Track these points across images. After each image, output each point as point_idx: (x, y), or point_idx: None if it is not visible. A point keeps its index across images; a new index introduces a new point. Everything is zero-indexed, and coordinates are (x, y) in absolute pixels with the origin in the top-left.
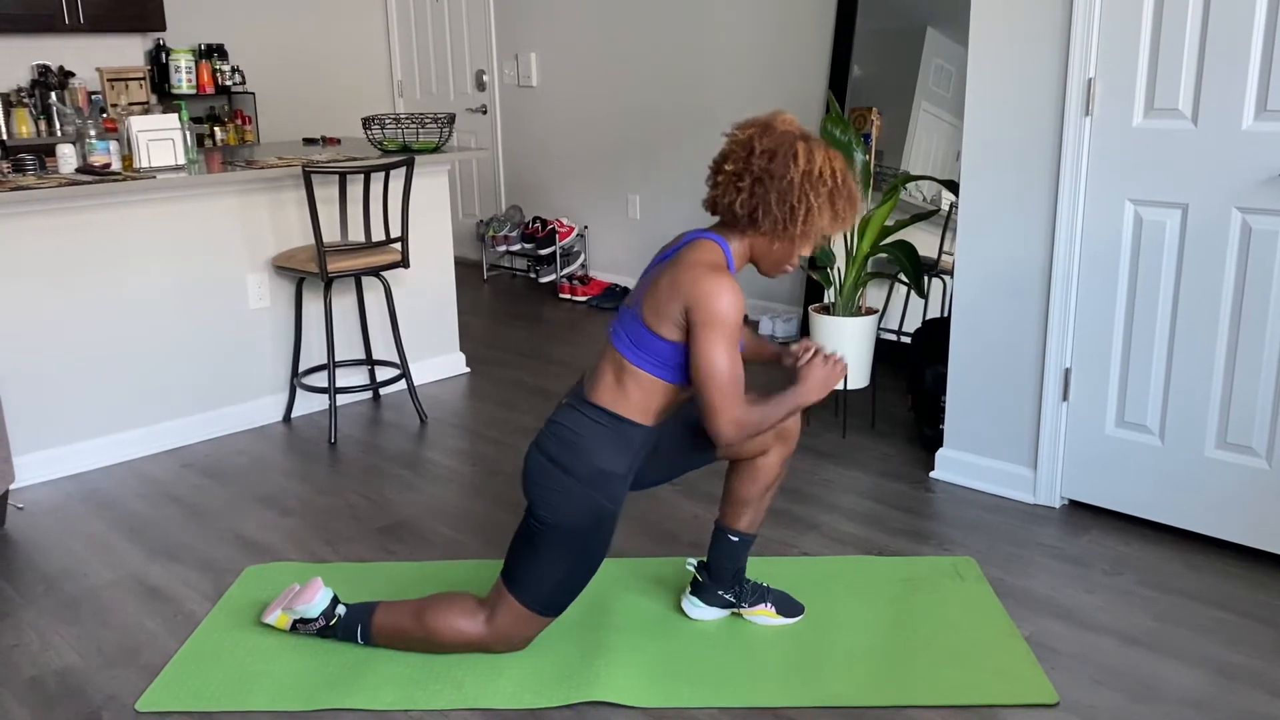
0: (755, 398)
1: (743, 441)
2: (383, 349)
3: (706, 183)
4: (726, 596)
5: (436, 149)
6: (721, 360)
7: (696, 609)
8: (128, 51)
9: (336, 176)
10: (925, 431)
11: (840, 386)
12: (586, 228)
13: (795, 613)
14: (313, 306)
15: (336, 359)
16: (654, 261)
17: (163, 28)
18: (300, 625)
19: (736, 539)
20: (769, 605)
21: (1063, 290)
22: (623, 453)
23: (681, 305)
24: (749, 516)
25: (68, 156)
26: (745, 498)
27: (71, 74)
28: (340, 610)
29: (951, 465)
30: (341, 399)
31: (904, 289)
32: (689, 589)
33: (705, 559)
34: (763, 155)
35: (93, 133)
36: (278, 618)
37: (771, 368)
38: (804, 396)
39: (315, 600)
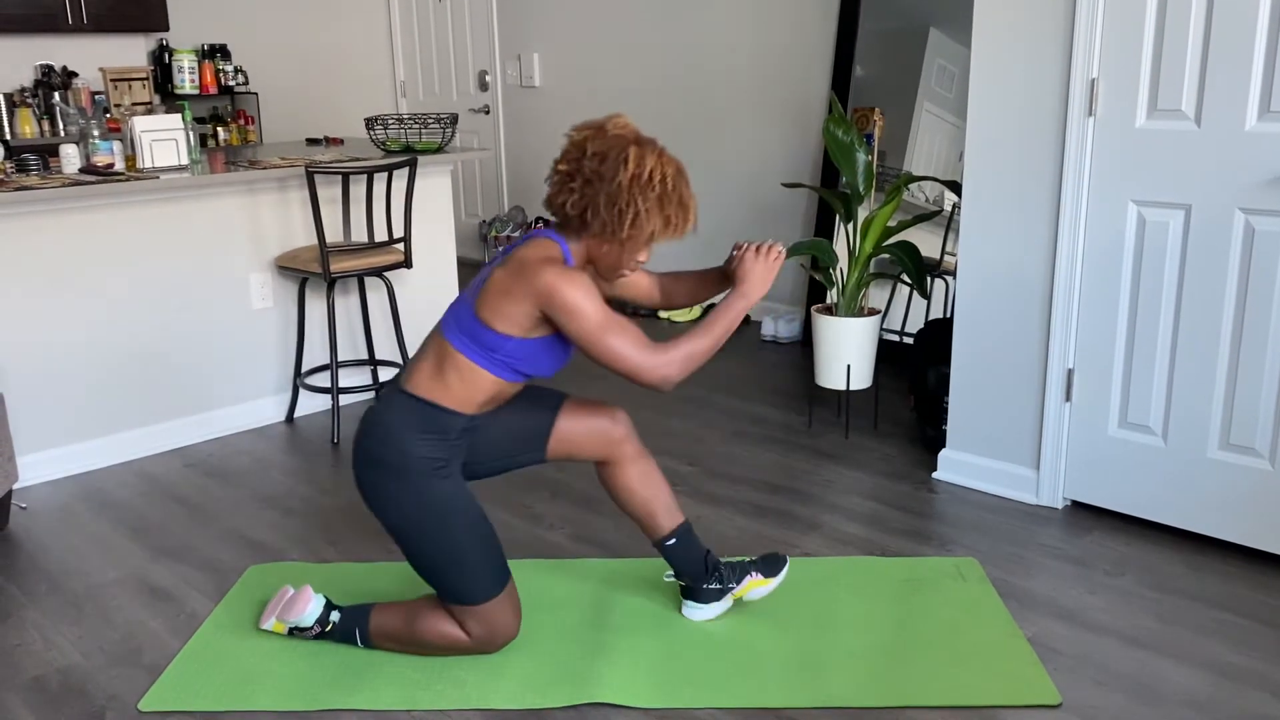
0: (682, 335)
1: (683, 377)
2: (385, 349)
3: (545, 180)
4: (714, 587)
5: (439, 149)
6: (603, 335)
7: (696, 610)
8: (131, 52)
9: (339, 177)
10: (927, 432)
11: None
12: None
13: (779, 565)
14: (315, 306)
15: (339, 359)
16: (498, 254)
17: (166, 28)
18: (296, 632)
19: (672, 541)
20: (754, 574)
21: (1065, 291)
22: (435, 439)
23: (531, 305)
24: (661, 517)
25: (71, 157)
26: (638, 509)
27: (75, 74)
28: (335, 617)
29: (954, 466)
30: (344, 399)
31: (906, 289)
32: (681, 596)
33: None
34: (594, 157)
35: (96, 133)
36: (273, 624)
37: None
38: (745, 297)
39: (307, 611)
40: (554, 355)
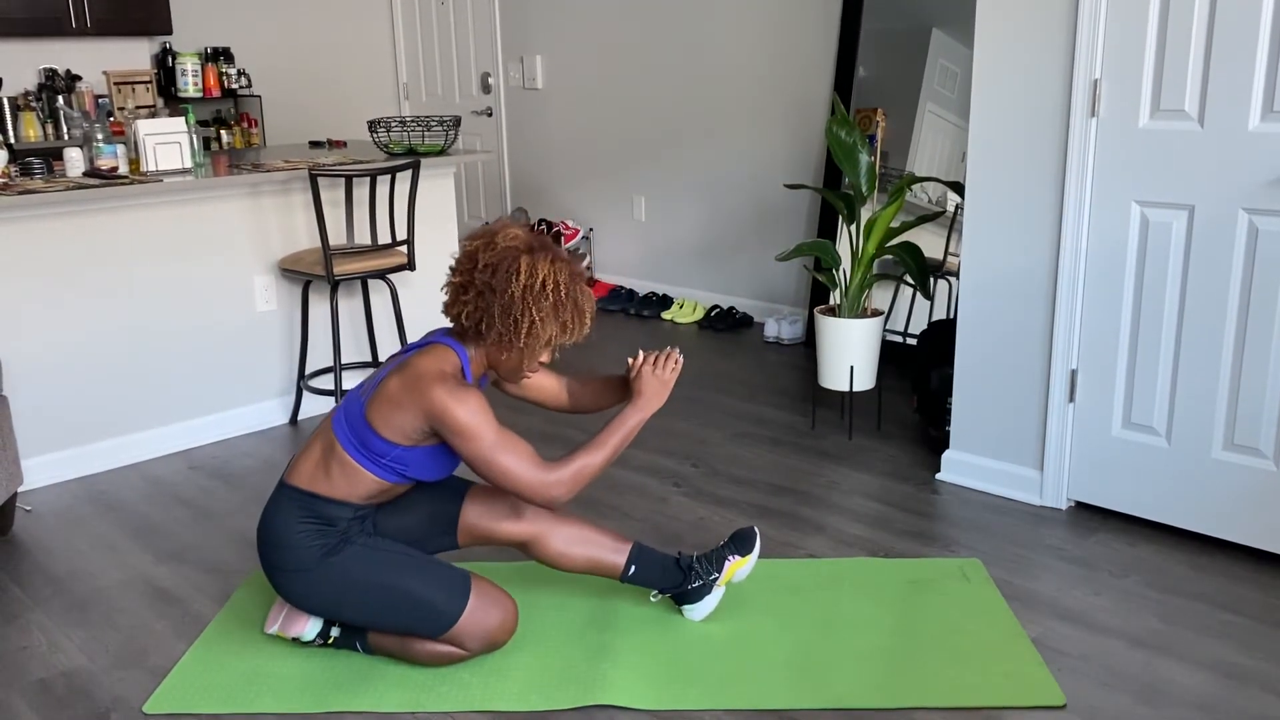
0: (577, 448)
1: (572, 496)
2: (389, 351)
3: (440, 289)
4: (696, 585)
5: (442, 151)
6: (494, 455)
7: (694, 610)
8: (134, 55)
9: (343, 179)
10: (931, 433)
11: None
12: (592, 230)
13: (751, 540)
14: (319, 309)
15: (343, 361)
16: (395, 356)
17: (169, 31)
18: (299, 642)
19: (632, 569)
20: (732, 558)
21: (1069, 291)
22: (324, 528)
23: (422, 421)
24: (607, 558)
25: (75, 160)
26: (585, 564)
27: (78, 77)
28: (335, 631)
29: (957, 467)
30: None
31: (909, 290)
32: (675, 605)
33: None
34: (485, 269)
35: (100, 136)
36: (277, 630)
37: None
38: (641, 410)
39: (307, 627)
40: (440, 464)
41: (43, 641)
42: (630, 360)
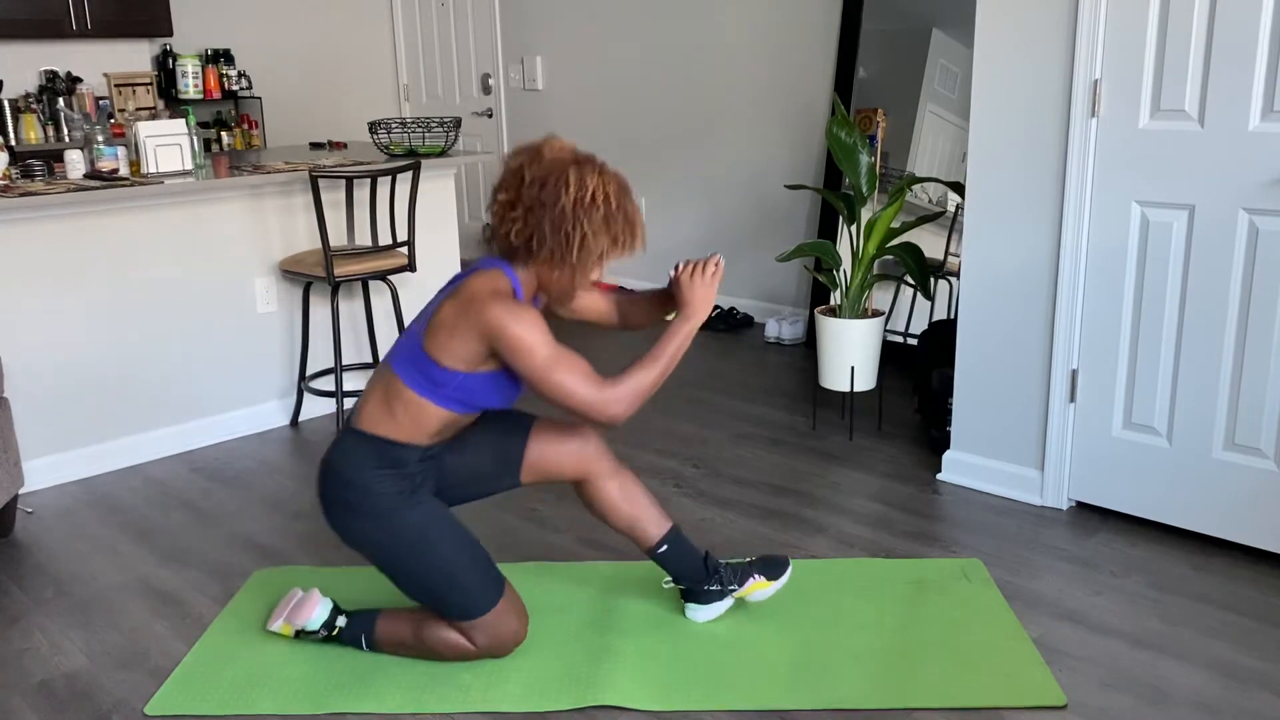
0: (630, 365)
1: (632, 412)
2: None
3: (485, 210)
4: (713, 589)
5: (442, 153)
6: (552, 372)
7: (699, 612)
8: (135, 57)
9: (343, 181)
10: (932, 433)
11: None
12: None
13: (782, 568)
14: (320, 310)
15: (344, 363)
16: (444, 286)
17: (169, 33)
18: (303, 635)
19: (664, 548)
20: (756, 576)
21: (1069, 292)
22: (393, 474)
23: (478, 341)
24: (648, 527)
25: (76, 162)
26: (623, 524)
27: (79, 79)
28: (341, 621)
29: (958, 467)
30: (349, 403)
31: (910, 291)
32: (683, 600)
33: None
34: (533, 184)
35: (100, 138)
36: (281, 626)
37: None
38: (690, 319)
39: (314, 615)
40: (504, 389)
41: (44, 643)
42: (671, 271)
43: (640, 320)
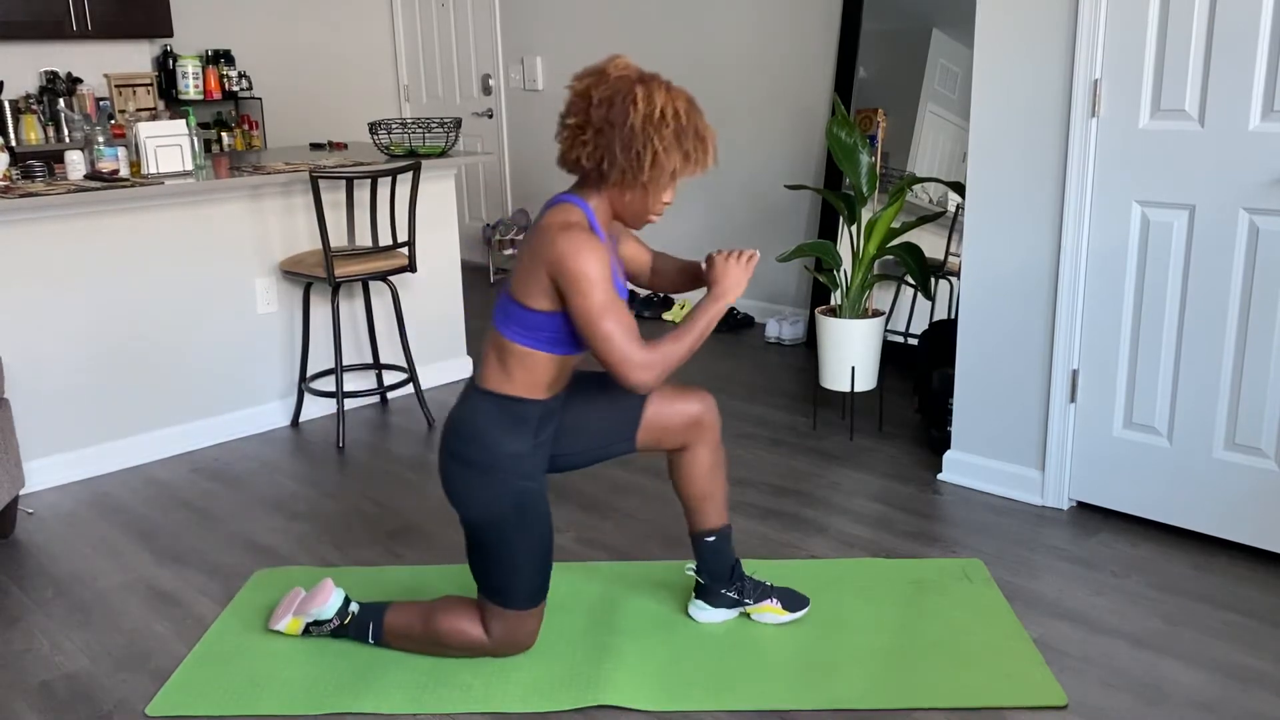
0: (662, 338)
1: (658, 382)
2: (390, 353)
3: (555, 138)
4: (729, 594)
5: (443, 153)
6: (602, 312)
7: (703, 612)
8: (135, 57)
9: (343, 181)
10: (932, 433)
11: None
12: None
13: (800, 606)
14: (320, 311)
15: (344, 363)
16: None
17: (170, 34)
18: (314, 628)
19: (712, 538)
20: (774, 601)
21: (1070, 292)
22: (520, 431)
23: (545, 273)
24: (709, 511)
25: (76, 163)
26: (696, 496)
27: (79, 80)
28: (353, 608)
29: (959, 467)
30: (349, 403)
31: (910, 291)
32: (694, 594)
33: None
34: (601, 104)
35: (101, 139)
36: (288, 624)
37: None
38: (719, 299)
39: (329, 602)
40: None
41: (45, 644)
42: (704, 261)
43: (666, 284)
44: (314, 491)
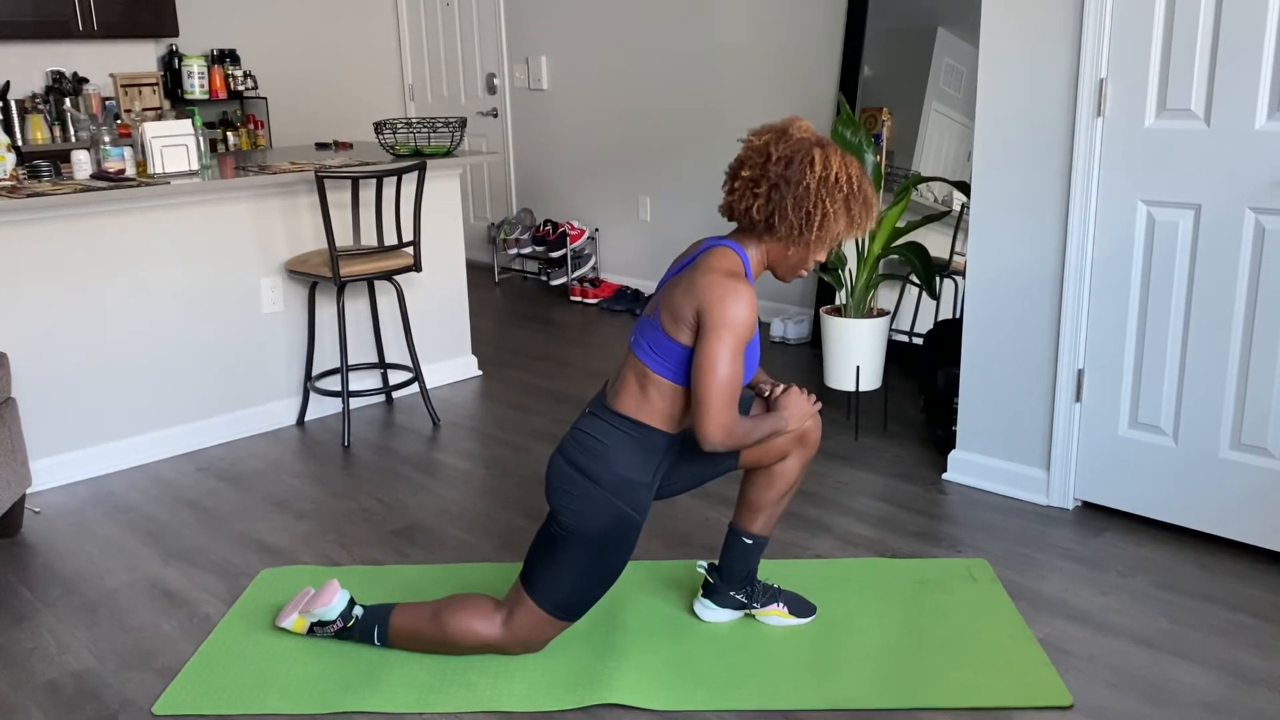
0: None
1: (725, 448)
2: (395, 352)
3: (723, 189)
4: (738, 597)
5: (448, 153)
6: (724, 363)
7: (709, 611)
8: (140, 57)
9: (349, 181)
10: (937, 433)
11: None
12: (597, 230)
13: (808, 613)
14: (325, 310)
15: (349, 363)
16: (671, 270)
17: (175, 33)
18: (317, 628)
19: (750, 541)
20: (781, 605)
21: (1075, 291)
22: (647, 461)
23: (694, 308)
24: (763, 520)
25: (82, 163)
26: (761, 502)
27: (85, 80)
28: (358, 611)
29: (964, 467)
30: (354, 402)
31: (916, 290)
32: (701, 591)
33: (716, 561)
34: (779, 161)
35: (107, 139)
36: (294, 621)
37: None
38: (785, 422)
39: (333, 603)
40: (747, 361)
41: (51, 643)
42: (769, 387)
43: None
44: (320, 490)
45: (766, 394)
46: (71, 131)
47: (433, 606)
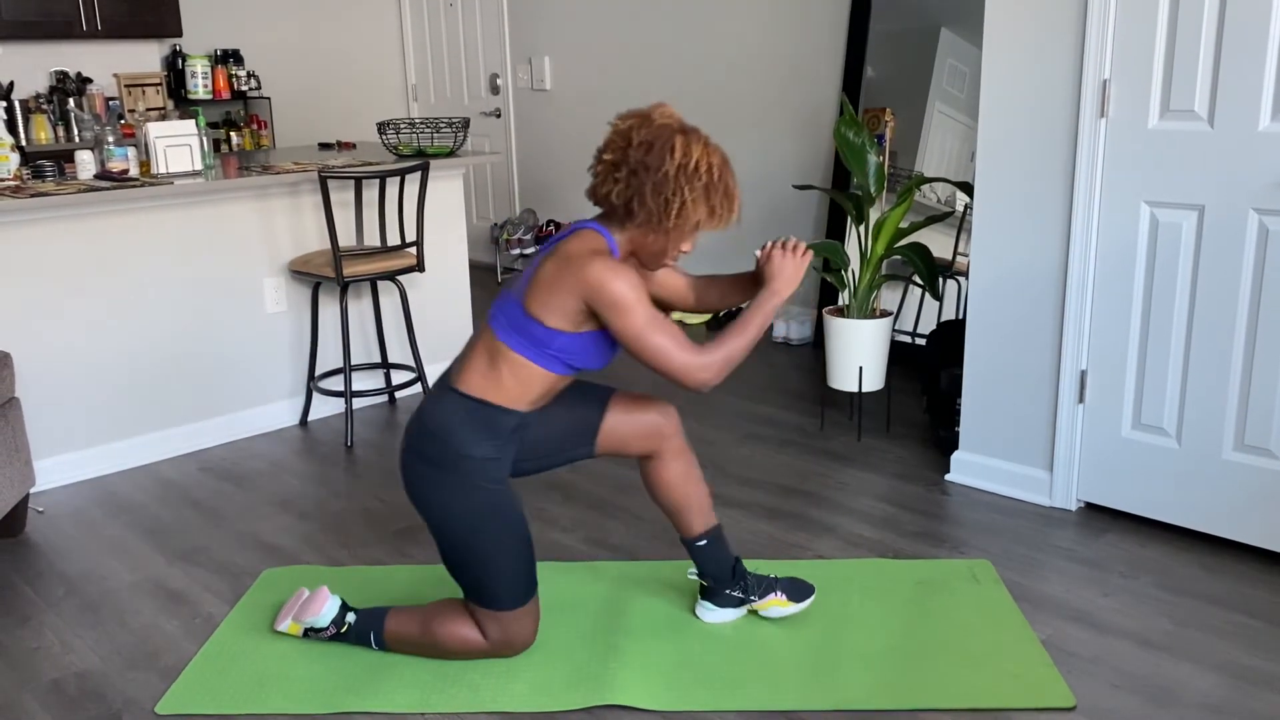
0: (720, 336)
1: (722, 377)
2: (398, 353)
3: (588, 170)
4: (734, 594)
5: (451, 153)
6: (649, 332)
7: (710, 613)
8: (144, 57)
9: (352, 181)
10: (940, 434)
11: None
12: None
13: (806, 594)
14: (329, 310)
15: (352, 363)
16: (542, 249)
17: (179, 34)
18: (311, 633)
19: (702, 542)
20: (778, 594)
21: (1078, 292)
22: (489, 438)
23: (577, 299)
24: (694, 517)
25: (86, 163)
26: (674, 505)
27: (89, 80)
28: (350, 618)
29: (967, 468)
30: (358, 403)
31: (919, 291)
32: (699, 595)
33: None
34: (640, 147)
35: (111, 139)
36: (289, 626)
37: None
38: (776, 294)
39: (323, 611)
40: (603, 350)
41: (55, 642)
42: (759, 251)
43: (715, 302)
44: (322, 491)
45: (759, 269)
46: (75, 131)
47: (423, 614)
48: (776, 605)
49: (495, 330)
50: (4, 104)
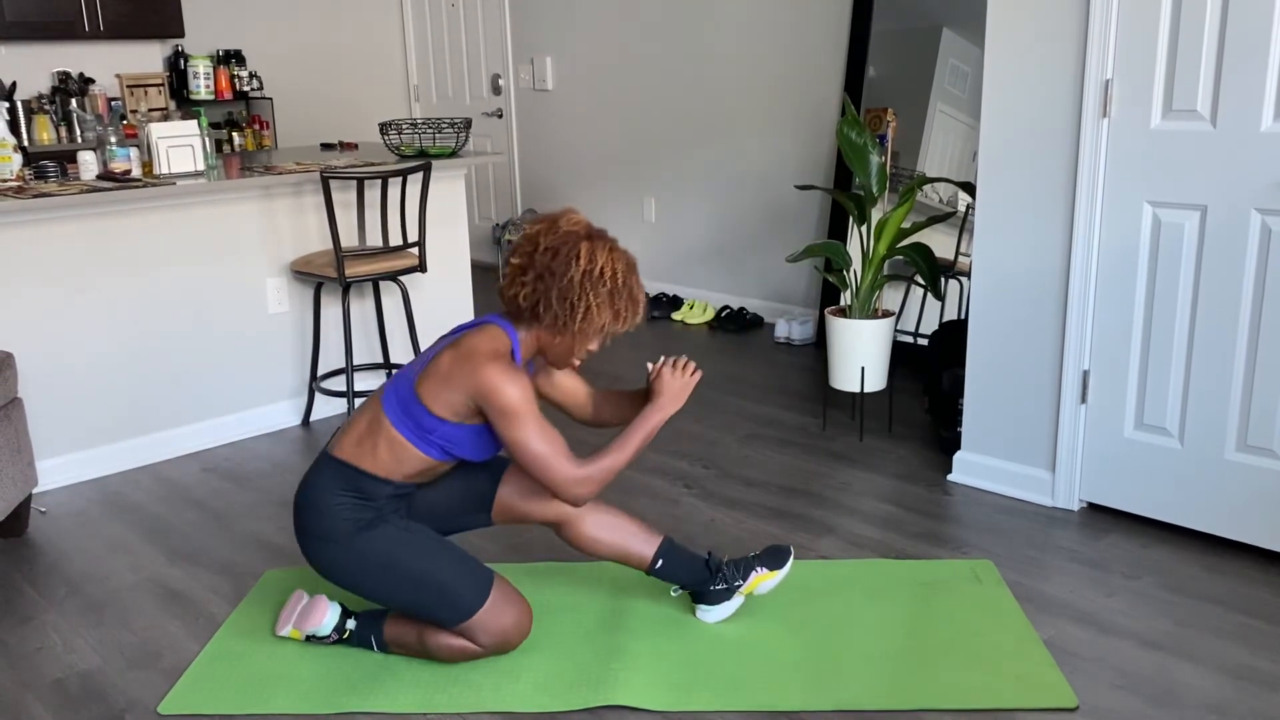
0: (601, 450)
1: (597, 493)
2: (400, 353)
3: (498, 273)
4: (719, 588)
5: (453, 153)
6: (533, 441)
7: (709, 613)
8: (147, 58)
9: (354, 181)
10: (942, 434)
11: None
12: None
13: (785, 557)
14: (331, 311)
15: (355, 363)
16: (447, 334)
17: (181, 34)
18: (314, 639)
19: (659, 564)
20: (759, 569)
21: (1081, 292)
22: (361, 503)
23: (468, 397)
24: (637, 548)
25: (89, 163)
26: (614, 552)
27: (91, 81)
28: (351, 624)
29: (969, 468)
30: (359, 403)
31: (921, 291)
32: (692, 603)
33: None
34: (546, 252)
35: (113, 139)
36: (290, 632)
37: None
38: (661, 410)
39: (324, 621)
40: (485, 444)
41: (57, 642)
42: (650, 365)
43: (609, 417)
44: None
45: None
46: (78, 132)
47: (417, 629)
48: (763, 581)
49: (383, 404)
50: (6, 104)
